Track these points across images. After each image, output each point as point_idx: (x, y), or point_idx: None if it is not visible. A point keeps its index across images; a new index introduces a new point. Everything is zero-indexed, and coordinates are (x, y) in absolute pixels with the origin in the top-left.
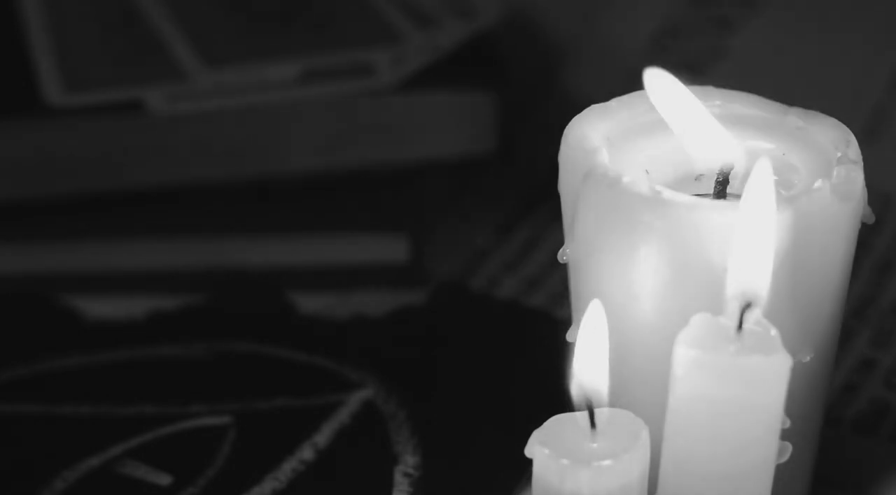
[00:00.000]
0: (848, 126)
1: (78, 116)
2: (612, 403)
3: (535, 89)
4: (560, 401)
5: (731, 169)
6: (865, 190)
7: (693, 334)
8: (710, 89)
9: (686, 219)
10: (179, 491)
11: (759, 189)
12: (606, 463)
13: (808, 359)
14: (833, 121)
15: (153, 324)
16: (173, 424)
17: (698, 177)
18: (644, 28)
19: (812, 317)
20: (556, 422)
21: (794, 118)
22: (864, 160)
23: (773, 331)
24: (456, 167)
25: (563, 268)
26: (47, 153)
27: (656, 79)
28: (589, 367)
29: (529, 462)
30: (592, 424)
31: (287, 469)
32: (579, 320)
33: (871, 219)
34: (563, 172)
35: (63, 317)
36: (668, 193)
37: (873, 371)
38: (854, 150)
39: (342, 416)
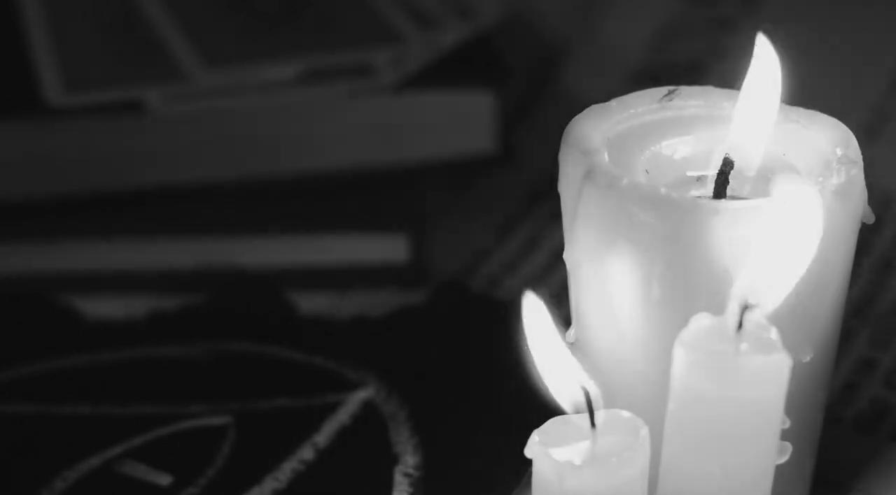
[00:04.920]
0: (848, 126)
1: (78, 116)
2: (613, 403)
3: (535, 89)
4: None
5: (731, 169)
6: (865, 190)
7: (693, 334)
8: (710, 89)
9: (686, 219)
10: (179, 491)
11: (800, 193)
12: (606, 462)
13: (808, 359)
14: (833, 121)
15: (153, 324)
16: (173, 424)
17: (698, 178)
18: (644, 28)
19: (812, 317)
20: (556, 422)
21: (795, 118)
22: (864, 160)
23: (773, 331)
24: (456, 167)
25: (563, 268)
26: (47, 153)
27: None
28: (568, 370)
29: (529, 462)
30: (592, 424)
31: (287, 469)
32: (579, 320)
33: (871, 219)
34: (563, 172)
35: (63, 317)
36: (668, 193)
37: (873, 371)
38: (854, 150)
39: (342, 416)
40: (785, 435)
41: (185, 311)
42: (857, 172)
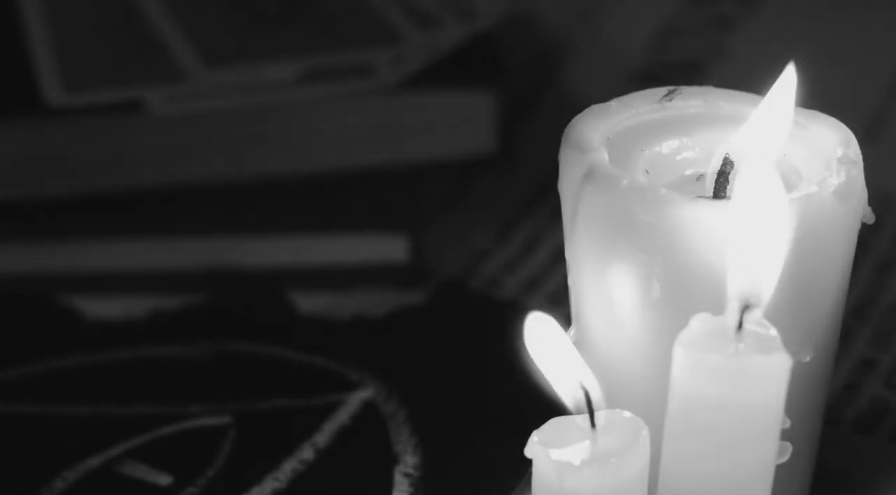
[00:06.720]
0: (848, 126)
1: (78, 116)
2: (613, 403)
3: (536, 89)
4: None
5: (731, 168)
6: (865, 190)
7: (693, 334)
8: (709, 89)
9: (686, 219)
10: (179, 491)
11: (762, 186)
12: (606, 462)
13: (808, 359)
14: (833, 121)
15: (153, 324)
16: (173, 424)
17: (698, 178)
18: (644, 28)
19: (812, 317)
20: (556, 422)
21: (794, 118)
22: (864, 160)
23: (773, 331)
24: (456, 167)
25: (563, 268)
26: (47, 153)
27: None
28: (573, 371)
29: (529, 462)
30: (592, 424)
31: (287, 469)
32: (579, 320)
33: (871, 219)
34: (563, 172)
35: (63, 317)
36: (668, 193)
37: (873, 371)
38: (854, 150)
39: (342, 416)
40: (785, 435)
41: (185, 311)
42: (857, 172)
